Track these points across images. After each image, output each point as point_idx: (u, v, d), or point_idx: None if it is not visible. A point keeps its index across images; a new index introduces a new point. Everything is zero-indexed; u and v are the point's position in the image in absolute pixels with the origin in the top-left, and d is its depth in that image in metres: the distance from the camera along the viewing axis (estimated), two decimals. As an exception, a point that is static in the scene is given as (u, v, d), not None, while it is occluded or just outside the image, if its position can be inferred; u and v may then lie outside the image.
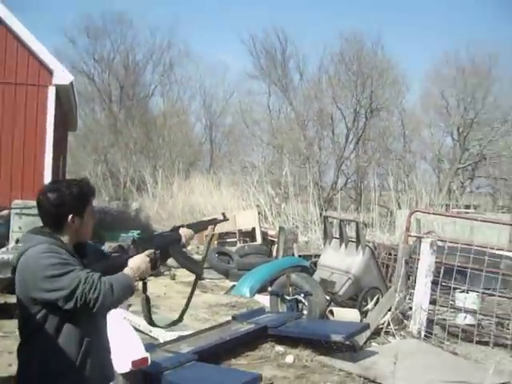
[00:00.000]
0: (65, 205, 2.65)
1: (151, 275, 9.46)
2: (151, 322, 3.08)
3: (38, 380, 2.59)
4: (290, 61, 34.30)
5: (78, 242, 2.75)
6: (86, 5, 57.76)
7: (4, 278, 7.15)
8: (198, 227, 3.29)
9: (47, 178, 11.94)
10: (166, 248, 3.00)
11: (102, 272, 2.60)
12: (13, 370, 5.09)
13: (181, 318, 3.31)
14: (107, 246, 3.39)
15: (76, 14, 65.70)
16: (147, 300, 2.97)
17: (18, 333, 2.72)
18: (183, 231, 3.09)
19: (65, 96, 14.00)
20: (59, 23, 65.81)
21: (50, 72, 12.41)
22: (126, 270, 2.66)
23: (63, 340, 2.59)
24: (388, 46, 45.14)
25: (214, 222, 3.40)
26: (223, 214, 3.59)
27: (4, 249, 8.84)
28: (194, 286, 3.41)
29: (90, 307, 2.47)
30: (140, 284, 2.90)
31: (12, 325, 6.49)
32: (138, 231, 13.65)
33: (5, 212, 10.35)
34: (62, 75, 12.69)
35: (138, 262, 2.73)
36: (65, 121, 17.72)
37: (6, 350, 6.19)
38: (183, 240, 3.07)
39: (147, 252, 2.79)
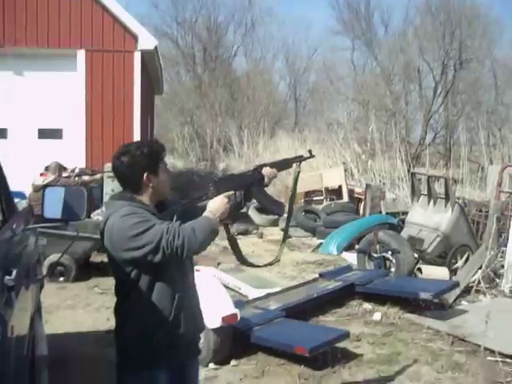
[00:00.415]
0: (138, 165, 2.74)
1: (240, 233, 9.58)
2: (244, 261, 3.08)
3: (137, 333, 2.73)
4: (374, 14, 33.42)
5: (158, 200, 2.84)
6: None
7: (100, 239, 7.49)
8: (283, 165, 3.21)
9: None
10: (247, 188, 2.98)
11: (181, 214, 2.69)
12: (111, 324, 5.37)
13: (278, 258, 3.30)
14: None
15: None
16: (234, 240, 2.99)
17: (114, 291, 2.88)
18: (265, 170, 3.06)
19: (150, 61, 14.26)
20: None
21: (135, 37, 12.65)
22: (206, 213, 2.69)
23: (156, 297, 2.72)
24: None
25: (300, 159, 3.32)
26: (309, 151, 3.51)
27: (99, 210, 9.24)
28: (287, 227, 3.45)
29: (179, 254, 2.55)
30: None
31: (109, 282, 6.79)
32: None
33: (98, 176, 10.76)
34: (147, 40, 12.92)
35: (216, 204, 2.73)
36: (151, 85, 18.09)
37: (104, 306, 6.54)
38: (266, 179, 3.06)
39: (226, 193, 2.79)
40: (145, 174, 2.75)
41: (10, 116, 12.45)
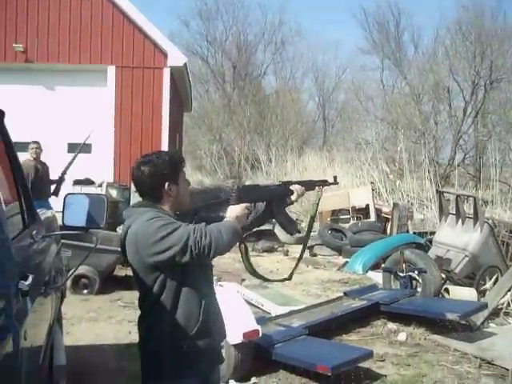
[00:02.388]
0: (159, 173, 2.73)
1: (265, 250, 9.49)
2: (253, 272, 3.05)
3: (166, 344, 2.67)
4: (404, 33, 33.38)
5: (177, 209, 2.82)
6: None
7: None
8: (307, 186, 3.15)
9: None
10: (270, 201, 2.93)
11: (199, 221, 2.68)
12: (132, 337, 5.36)
13: (290, 276, 3.34)
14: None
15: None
16: (246, 250, 2.96)
17: (137, 304, 2.83)
18: (295, 187, 3.01)
19: (179, 78, 14.41)
20: (174, 7, 66.91)
21: (165, 54, 12.80)
22: (226, 218, 2.71)
23: (183, 303, 2.67)
24: (510, 11, 42.72)
25: (324, 183, 3.27)
26: (334, 178, 3.47)
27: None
28: (304, 247, 3.44)
29: (206, 254, 2.53)
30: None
31: (132, 296, 6.82)
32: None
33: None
34: (176, 57, 13.06)
35: (235, 211, 2.74)
36: (180, 102, 18.25)
37: (126, 319, 6.52)
38: (294, 195, 3.01)
39: (246, 204, 2.78)
40: (166, 183, 2.74)
41: (40, 130, 12.61)
